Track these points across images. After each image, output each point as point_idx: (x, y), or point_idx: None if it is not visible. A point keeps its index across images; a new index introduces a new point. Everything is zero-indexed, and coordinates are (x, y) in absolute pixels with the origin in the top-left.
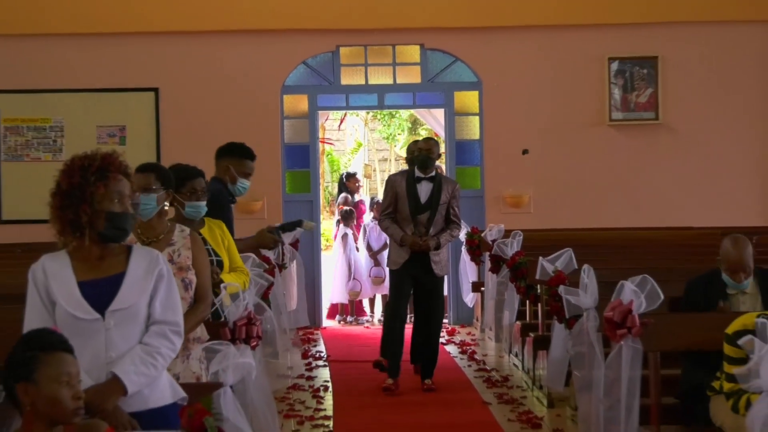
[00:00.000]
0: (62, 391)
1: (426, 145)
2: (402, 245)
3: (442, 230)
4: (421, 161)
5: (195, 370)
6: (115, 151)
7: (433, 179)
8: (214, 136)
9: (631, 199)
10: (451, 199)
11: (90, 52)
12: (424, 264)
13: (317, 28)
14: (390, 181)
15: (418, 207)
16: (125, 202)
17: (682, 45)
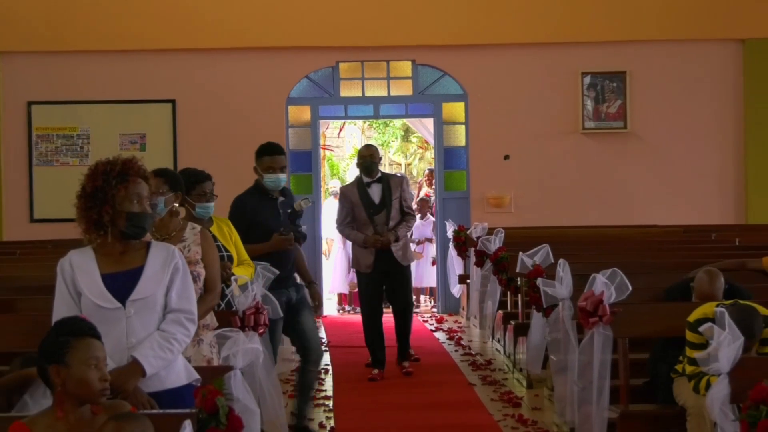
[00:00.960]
0: (91, 373)
1: (367, 151)
2: (365, 247)
3: (398, 224)
4: (365, 167)
5: (206, 354)
6: (135, 156)
7: (380, 180)
8: (226, 142)
9: (602, 200)
10: (401, 193)
11: (113, 67)
12: (390, 259)
13: (319, 45)
14: (343, 192)
15: (373, 208)
16: (144, 203)
17: (648, 61)
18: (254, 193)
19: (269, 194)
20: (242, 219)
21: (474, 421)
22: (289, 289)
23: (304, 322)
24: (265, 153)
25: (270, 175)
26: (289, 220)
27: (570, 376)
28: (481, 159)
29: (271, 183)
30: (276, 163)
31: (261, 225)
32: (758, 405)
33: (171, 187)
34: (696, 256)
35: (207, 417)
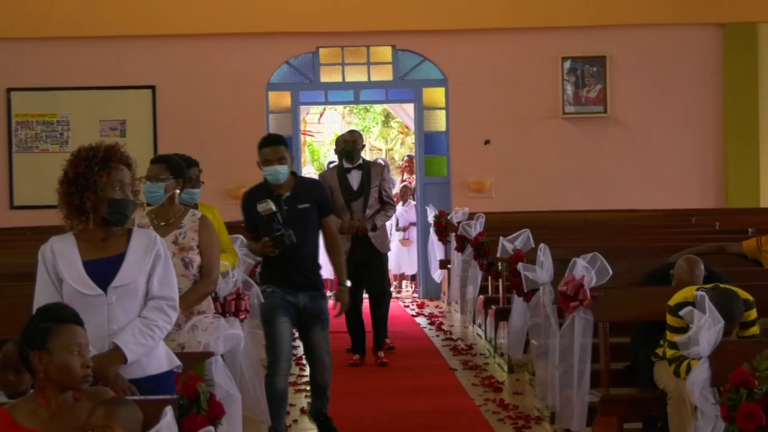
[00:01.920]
0: (73, 360)
1: (350, 137)
2: (342, 233)
3: (376, 212)
4: (347, 152)
5: (200, 340)
6: (118, 142)
7: (361, 167)
8: (206, 128)
9: (582, 185)
10: (381, 181)
11: (93, 53)
12: (367, 246)
13: (299, 31)
14: (322, 177)
15: (351, 195)
16: (126, 189)
17: (628, 46)
18: (262, 186)
19: (274, 190)
20: (247, 215)
21: (455, 405)
22: (298, 294)
23: (312, 338)
24: (263, 144)
25: (268, 167)
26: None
27: (551, 360)
28: (462, 144)
29: (270, 175)
30: (274, 154)
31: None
32: (738, 388)
33: (172, 173)
34: (676, 240)
35: (188, 403)
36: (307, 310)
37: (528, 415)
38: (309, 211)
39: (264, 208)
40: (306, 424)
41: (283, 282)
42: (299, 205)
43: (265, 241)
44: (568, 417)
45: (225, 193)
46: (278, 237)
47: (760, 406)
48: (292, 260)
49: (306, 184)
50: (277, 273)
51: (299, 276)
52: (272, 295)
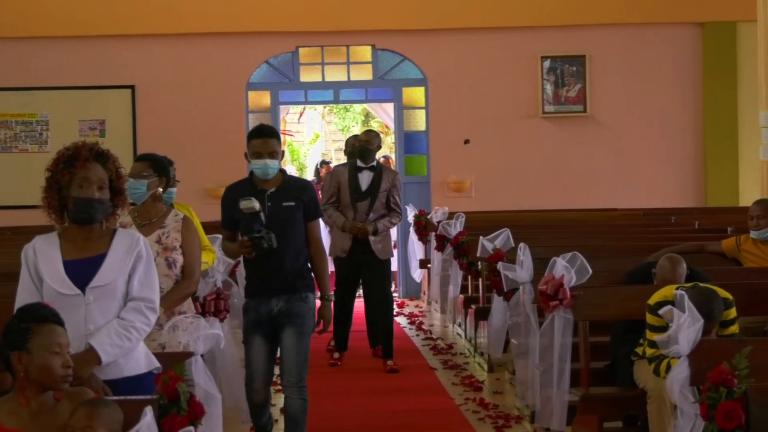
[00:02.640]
0: (53, 360)
1: (366, 137)
2: (343, 231)
3: (381, 217)
4: (361, 151)
5: (181, 340)
6: (97, 141)
7: (373, 169)
8: (185, 128)
9: (562, 184)
10: (391, 188)
11: (72, 53)
12: (367, 249)
13: (278, 30)
14: (333, 171)
15: (359, 194)
16: (90, 187)
17: (608, 45)
18: (245, 183)
19: (258, 185)
20: (226, 211)
21: (435, 405)
22: (272, 300)
23: (284, 340)
24: (254, 135)
25: (257, 161)
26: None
27: (531, 359)
28: (442, 143)
29: (258, 170)
30: (265, 147)
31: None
32: (718, 387)
33: (156, 171)
34: (656, 239)
35: (168, 403)
36: (281, 313)
37: (508, 414)
38: (294, 210)
39: (246, 206)
40: None
41: (258, 290)
42: (284, 203)
43: (243, 241)
44: (548, 416)
45: (205, 193)
46: (257, 239)
47: (740, 405)
48: (269, 263)
49: (295, 182)
50: (254, 278)
51: (277, 281)
52: (247, 312)
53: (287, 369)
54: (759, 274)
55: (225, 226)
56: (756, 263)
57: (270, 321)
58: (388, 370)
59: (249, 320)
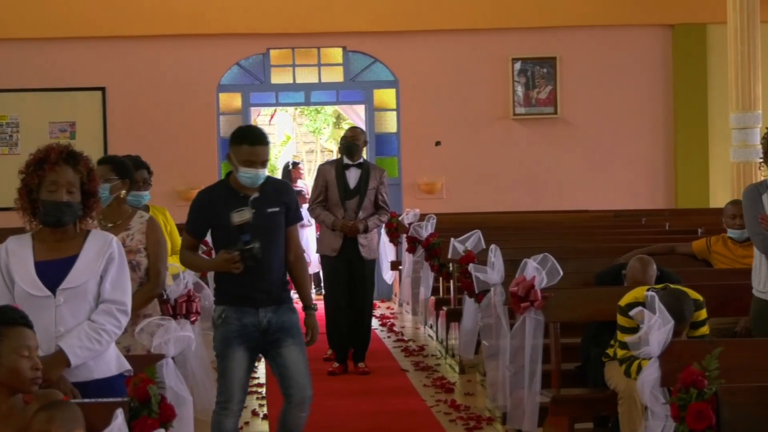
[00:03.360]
0: (22, 362)
1: (351, 133)
2: (333, 230)
3: (371, 215)
4: (347, 148)
5: (145, 343)
6: (69, 144)
7: (361, 166)
8: (156, 130)
9: (533, 186)
10: (379, 185)
11: (42, 54)
12: (355, 248)
13: (249, 32)
14: (320, 169)
15: (347, 192)
16: (59, 190)
17: (578, 47)
18: (222, 187)
19: (238, 191)
20: (201, 217)
21: (407, 406)
22: (260, 311)
23: (285, 355)
24: (246, 140)
25: (248, 170)
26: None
27: (502, 361)
28: (413, 145)
29: (248, 179)
30: (258, 155)
31: (223, 229)
32: (688, 388)
33: (118, 174)
34: (627, 240)
35: (139, 405)
36: (273, 325)
37: (479, 415)
38: (278, 216)
39: (242, 219)
40: (257, 426)
41: (239, 299)
42: (268, 209)
43: (232, 256)
44: (519, 417)
45: (175, 195)
46: (248, 251)
47: (710, 406)
48: (253, 273)
49: (275, 184)
50: (231, 285)
51: (262, 292)
52: (227, 321)
53: (298, 385)
54: (729, 276)
55: (192, 232)
56: (726, 264)
57: (258, 334)
58: (360, 372)
59: (229, 330)
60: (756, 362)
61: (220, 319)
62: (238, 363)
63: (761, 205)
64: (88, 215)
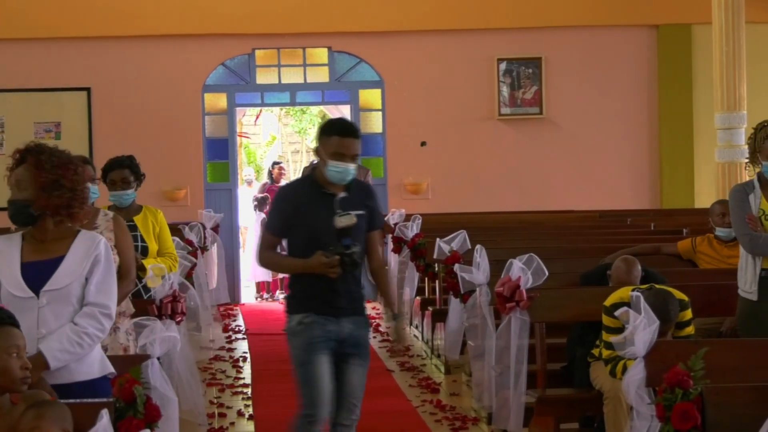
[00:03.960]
0: (12, 362)
1: None
2: None
3: None
4: None
5: (122, 342)
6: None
7: None
8: (141, 130)
9: (518, 186)
10: None
11: (27, 55)
12: None
13: (235, 32)
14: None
15: None
16: (14, 188)
17: (563, 47)
18: (307, 182)
19: (324, 188)
20: (284, 214)
21: (392, 407)
22: (340, 321)
23: (349, 374)
24: (336, 131)
25: (338, 163)
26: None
27: (487, 361)
28: (398, 146)
29: (336, 173)
30: (349, 148)
31: (306, 227)
32: (673, 388)
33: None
34: (612, 240)
35: (124, 406)
36: (350, 340)
37: (465, 416)
38: (362, 220)
39: (348, 223)
40: (243, 427)
41: (322, 306)
42: (354, 211)
43: (331, 260)
44: (505, 418)
45: (161, 195)
46: (349, 256)
47: (695, 406)
48: (338, 280)
49: (360, 186)
50: (314, 291)
51: (343, 299)
52: (311, 327)
53: (350, 406)
54: (714, 276)
55: (273, 229)
56: (711, 264)
57: (337, 343)
58: None
59: (313, 336)
60: (741, 362)
61: (302, 325)
62: (325, 369)
63: (748, 205)
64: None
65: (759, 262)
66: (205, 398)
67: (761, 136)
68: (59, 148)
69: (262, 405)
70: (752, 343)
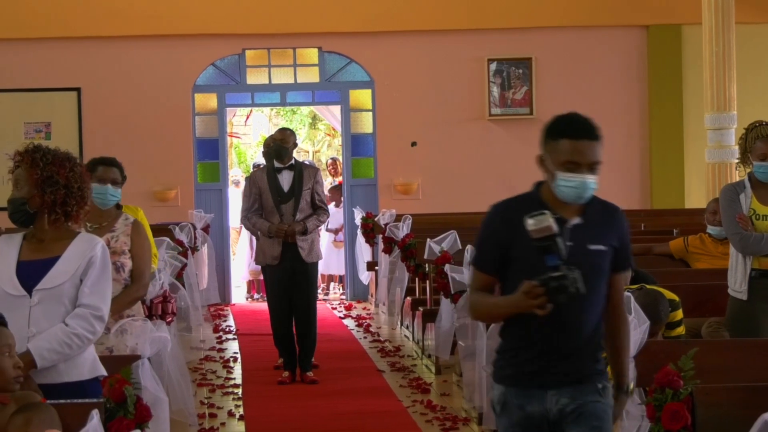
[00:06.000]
0: (4, 361)
1: (281, 135)
2: (270, 236)
3: (308, 216)
4: (276, 151)
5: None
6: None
7: (293, 167)
8: (132, 131)
9: (508, 186)
10: (314, 184)
11: (17, 55)
12: (295, 253)
13: (225, 32)
14: (251, 177)
15: (282, 196)
16: (17, 187)
17: (554, 47)
18: (529, 201)
19: (552, 210)
20: (495, 243)
21: (383, 407)
22: (547, 394)
23: None
24: (567, 133)
25: (569, 176)
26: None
27: (478, 361)
28: (389, 146)
29: (568, 190)
30: (584, 153)
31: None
32: (664, 388)
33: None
34: None
35: (115, 406)
36: (564, 416)
37: (455, 416)
38: (603, 258)
39: (540, 225)
40: (234, 427)
41: (526, 374)
42: (591, 245)
43: (531, 287)
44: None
45: (151, 196)
46: (559, 280)
47: (685, 406)
48: (561, 327)
49: (605, 208)
50: (517, 358)
51: (562, 361)
52: (505, 410)
53: None
54: (705, 276)
55: (481, 264)
56: (706, 261)
57: (544, 427)
58: (309, 381)
59: (511, 423)
60: (732, 362)
61: (499, 405)
62: None
63: (738, 204)
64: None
65: (749, 261)
66: (196, 399)
67: (752, 136)
68: (59, 149)
69: (252, 405)
70: (742, 343)
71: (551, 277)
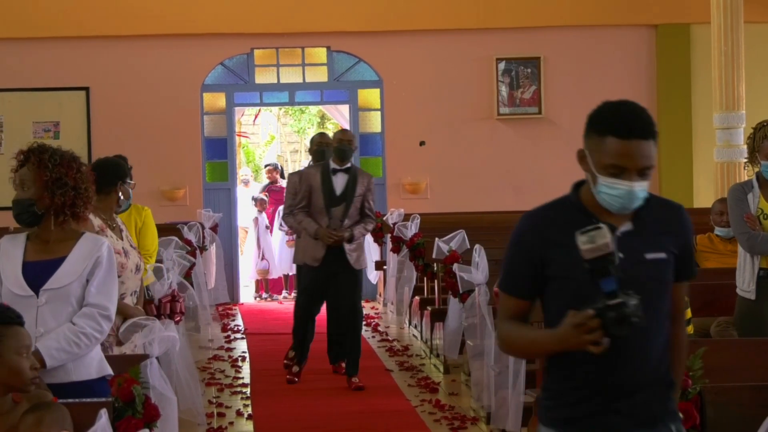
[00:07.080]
0: (22, 362)
1: (344, 135)
2: (316, 238)
3: (356, 223)
4: (340, 151)
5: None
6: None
7: (348, 171)
8: (140, 130)
9: (517, 185)
10: (366, 192)
11: (27, 54)
12: (341, 258)
13: (234, 32)
14: (301, 174)
15: (333, 199)
16: (23, 187)
17: (562, 47)
18: (568, 207)
19: (595, 216)
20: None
21: (391, 406)
22: None
23: None
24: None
25: (613, 182)
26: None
27: (486, 361)
28: (397, 145)
29: (612, 199)
30: (634, 157)
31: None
32: None
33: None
34: None
35: (123, 405)
36: None
37: (464, 415)
38: (664, 268)
39: (596, 243)
40: (242, 426)
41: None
42: (648, 254)
43: (584, 319)
44: (504, 417)
45: (160, 195)
46: (618, 309)
47: (694, 406)
48: (621, 362)
49: (664, 208)
50: (571, 399)
51: (627, 399)
52: None
53: None
54: (713, 276)
55: (510, 286)
56: (714, 260)
57: None
58: (354, 388)
59: None
60: (740, 362)
61: None
62: None
63: (746, 204)
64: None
65: (757, 261)
66: (204, 398)
67: (760, 135)
68: (62, 149)
69: (260, 404)
70: (751, 342)
71: (608, 305)
